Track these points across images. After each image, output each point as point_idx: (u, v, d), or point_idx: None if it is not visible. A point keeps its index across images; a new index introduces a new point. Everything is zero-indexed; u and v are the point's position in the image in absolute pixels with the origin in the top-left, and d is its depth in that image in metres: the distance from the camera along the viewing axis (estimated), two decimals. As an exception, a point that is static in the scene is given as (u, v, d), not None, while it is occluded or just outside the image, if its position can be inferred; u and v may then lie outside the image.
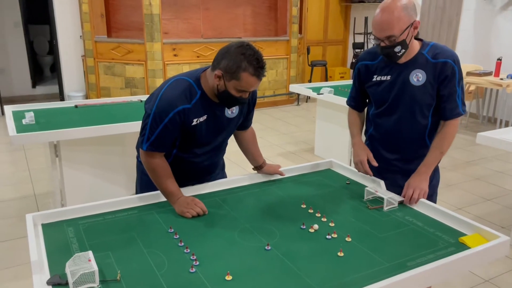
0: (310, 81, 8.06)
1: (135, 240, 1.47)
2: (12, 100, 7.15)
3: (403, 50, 1.72)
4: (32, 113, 3.00)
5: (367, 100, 2.05)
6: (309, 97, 7.48)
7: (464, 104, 1.83)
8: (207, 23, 6.93)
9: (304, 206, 1.74)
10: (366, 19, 8.39)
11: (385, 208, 1.72)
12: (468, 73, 5.84)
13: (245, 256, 1.38)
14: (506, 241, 1.43)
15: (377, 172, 1.96)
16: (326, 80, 8.22)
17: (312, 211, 1.69)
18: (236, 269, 1.30)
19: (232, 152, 2.20)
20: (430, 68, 1.78)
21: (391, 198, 1.74)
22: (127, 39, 6.38)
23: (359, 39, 8.69)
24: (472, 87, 6.04)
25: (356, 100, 2.06)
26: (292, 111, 7.18)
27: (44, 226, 1.55)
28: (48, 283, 1.20)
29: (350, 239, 1.48)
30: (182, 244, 1.43)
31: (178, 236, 1.49)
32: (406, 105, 1.84)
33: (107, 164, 3.35)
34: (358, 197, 1.82)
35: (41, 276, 1.23)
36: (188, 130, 1.72)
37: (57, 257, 1.34)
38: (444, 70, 1.76)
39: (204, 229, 1.55)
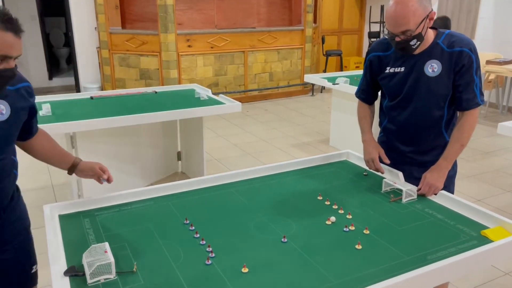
0: (325, 71, 7.97)
1: (151, 231, 1.46)
2: (29, 92, 7.23)
3: (419, 43, 1.66)
4: (48, 105, 3.02)
5: (379, 92, 2.00)
6: (324, 87, 7.41)
7: (482, 94, 1.77)
8: (221, 13, 6.89)
9: (321, 198, 1.71)
10: (382, 7, 8.23)
11: (404, 200, 1.68)
12: (488, 62, 5.70)
13: (261, 248, 1.36)
14: (531, 234, 1.39)
15: (393, 164, 1.92)
16: (341, 70, 8.12)
17: (329, 203, 1.67)
18: (252, 261, 1.28)
19: (246, 143, 2.12)
20: (446, 58, 1.71)
21: (410, 190, 1.70)
22: (142, 30, 6.38)
23: (375, 28, 8.54)
24: (492, 76, 5.90)
25: (367, 93, 2.01)
26: (307, 101, 7.12)
27: (61, 217, 1.56)
28: (65, 274, 1.20)
29: (368, 232, 1.45)
30: (198, 235, 1.43)
31: (193, 228, 1.48)
32: (421, 97, 1.79)
33: (123, 155, 3.36)
34: (376, 189, 1.79)
35: (58, 267, 1.23)
36: None
37: (74, 248, 1.34)
38: (460, 59, 1.69)
39: (220, 220, 1.54)
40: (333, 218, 1.53)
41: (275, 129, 5.49)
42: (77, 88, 7.21)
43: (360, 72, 5.30)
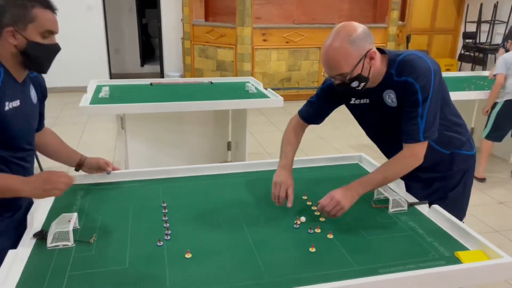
0: (408, 72, 7.53)
1: (128, 209, 1.56)
2: (122, 77, 7.91)
3: (363, 83, 1.52)
4: (107, 88, 3.30)
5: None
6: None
7: (429, 131, 1.51)
8: (300, 8, 6.86)
9: (305, 197, 1.68)
10: (481, 6, 7.54)
11: (391, 210, 1.58)
12: None
13: (215, 237, 1.40)
14: (509, 263, 1.23)
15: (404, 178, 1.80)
16: (428, 71, 7.60)
17: (310, 203, 1.63)
18: (200, 248, 1.32)
19: (303, 140, 1.83)
20: (396, 87, 1.55)
21: (399, 199, 1.59)
22: (221, 23, 6.62)
23: (471, 28, 7.86)
24: None
25: (313, 116, 1.81)
26: (383, 102, 6.81)
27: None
28: (34, 236, 1.35)
29: (331, 236, 1.41)
30: (166, 218, 1.50)
31: (166, 211, 1.55)
32: (392, 128, 1.63)
33: (170, 140, 3.58)
34: (369, 196, 1.70)
35: (31, 229, 1.38)
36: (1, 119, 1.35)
37: (57, 215, 1.48)
38: (406, 88, 1.51)
39: (192, 208, 1.59)
40: (303, 219, 1.50)
41: (338, 128, 5.36)
42: (161, 75, 7.73)
43: (449, 74, 4.93)
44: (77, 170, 1.77)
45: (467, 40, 7.83)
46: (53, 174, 1.36)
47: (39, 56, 1.38)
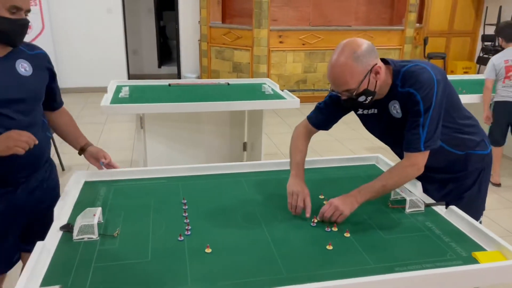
0: (426, 74, 7.49)
1: (149, 205, 1.61)
2: (140, 78, 8.02)
3: (370, 97, 1.54)
4: (127, 88, 3.37)
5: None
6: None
7: (430, 141, 1.52)
8: (316, 11, 6.88)
9: (322, 197, 1.71)
10: (500, 8, 7.46)
11: (407, 210, 1.60)
12: None
13: (234, 233, 1.43)
14: (526, 264, 1.24)
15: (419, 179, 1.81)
16: (445, 74, 7.55)
17: (326, 203, 1.65)
18: (220, 244, 1.36)
19: (319, 141, 1.91)
20: (400, 98, 1.57)
21: (417, 200, 1.61)
22: (238, 25, 6.67)
23: (490, 31, 7.76)
24: None
25: (322, 122, 1.83)
26: (399, 105, 6.78)
27: (86, 183, 1.79)
28: (60, 229, 1.41)
29: (348, 235, 1.43)
30: (186, 214, 1.54)
31: (186, 207, 1.59)
32: (399, 138, 1.63)
33: (187, 140, 3.62)
34: (385, 196, 1.72)
35: (58, 223, 1.44)
36: None
37: (81, 209, 1.53)
38: (409, 99, 1.53)
39: (211, 205, 1.63)
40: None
41: (354, 130, 5.35)
42: (178, 76, 7.81)
43: (468, 77, 4.90)
44: (80, 154, 1.86)
45: (486, 43, 7.75)
46: (14, 133, 1.44)
47: (8, 29, 1.46)
